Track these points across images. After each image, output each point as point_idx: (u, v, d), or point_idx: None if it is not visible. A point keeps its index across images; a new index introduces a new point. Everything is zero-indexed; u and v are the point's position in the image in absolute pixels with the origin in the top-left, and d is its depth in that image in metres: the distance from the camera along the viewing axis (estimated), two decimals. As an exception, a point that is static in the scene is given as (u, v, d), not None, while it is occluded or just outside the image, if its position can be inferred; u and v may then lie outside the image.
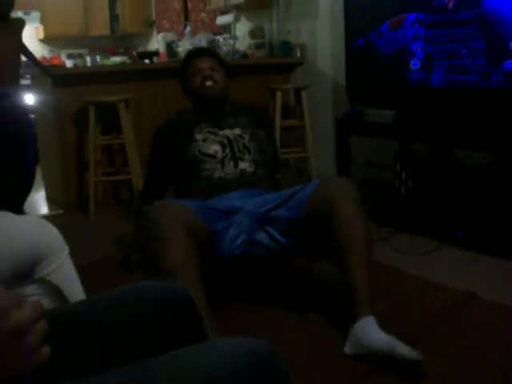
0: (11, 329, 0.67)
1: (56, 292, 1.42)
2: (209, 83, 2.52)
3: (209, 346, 0.83)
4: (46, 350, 0.71)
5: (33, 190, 4.21)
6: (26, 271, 1.56)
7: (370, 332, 1.86)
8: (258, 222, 2.22)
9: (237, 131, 2.49)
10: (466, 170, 3.19)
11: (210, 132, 2.47)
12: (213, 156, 2.38)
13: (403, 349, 1.75)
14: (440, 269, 2.74)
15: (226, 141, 2.44)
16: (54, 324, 0.75)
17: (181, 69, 2.66)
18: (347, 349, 1.91)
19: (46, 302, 1.34)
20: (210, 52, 2.74)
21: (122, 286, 0.97)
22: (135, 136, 4.12)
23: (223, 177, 2.34)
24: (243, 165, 2.39)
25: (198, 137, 2.45)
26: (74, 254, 1.70)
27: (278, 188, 2.61)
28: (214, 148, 2.40)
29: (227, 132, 2.47)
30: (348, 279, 2.00)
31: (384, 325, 1.90)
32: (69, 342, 0.89)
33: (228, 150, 2.41)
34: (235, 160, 2.39)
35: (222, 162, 2.37)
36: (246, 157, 2.42)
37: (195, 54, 2.68)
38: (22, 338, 0.68)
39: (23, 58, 3.96)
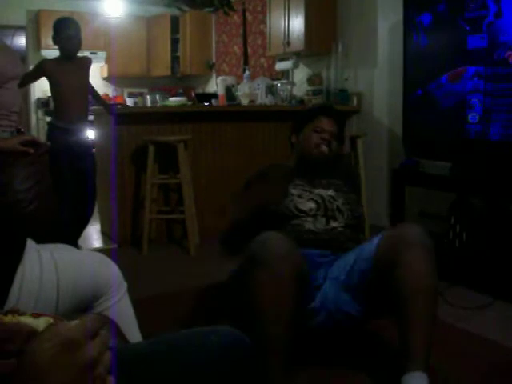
0: (85, 362, 0.67)
1: (114, 328, 1.45)
2: (324, 148, 2.41)
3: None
4: (110, 380, 0.71)
5: (91, 224, 4.33)
6: (85, 305, 1.60)
7: None
8: (341, 289, 2.11)
9: (330, 192, 2.39)
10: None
11: (304, 190, 2.37)
12: (307, 213, 2.29)
13: None
14: (494, 324, 2.68)
15: (320, 199, 2.34)
16: (118, 362, 0.77)
17: (303, 115, 2.54)
18: None
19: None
20: (340, 117, 2.54)
21: (183, 331, 0.99)
22: (191, 176, 4.20)
23: (313, 230, 2.26)
24: (335, 224, 2.31)
25: (294, 192, 2.34)
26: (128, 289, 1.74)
27: None
28: (309, 205, 2.31)
29: (321, 192, 2.38)
30: (405, 332, 1.82)
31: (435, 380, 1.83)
32: (133, 380, 0.90)
33: (322, 208, 2.32)
34: (327, 218, 2.31)
35: (315, 216, 2.29)
36: (339, 218, 2.33)
37: (328, 111, 2.52)
38: (94, 370, 0.67)
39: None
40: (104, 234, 4.68)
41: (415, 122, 3.70)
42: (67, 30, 3.61)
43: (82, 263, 1.59)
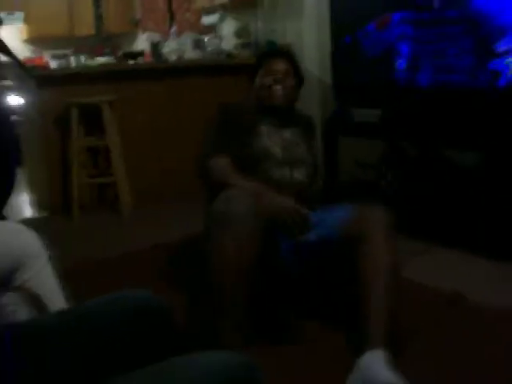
0: None
1: (34, 300, 1.38)
2: (278, 87, 2.36)
3: (187, 361, 0.80)
4: None
5: (17, 192, 4.17)
6: (2, 280, 1.51)
7: (375, 368, 1.70)
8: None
9: (295, 137, 2.39)
10: (453, 169, 3.17)
11: (273, 128, 2.35)
12: (274, 158, 2.27)
13: None
14: (429, 270, 2.73)
15: (286, 144, 2.33)
16: (22, 339, 0.72)
17: (254, 66, 2.49)
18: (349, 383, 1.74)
19: (24, 312, 1.30)
20: (288, 55, 2.52)
21: (95, 298, 0.94)
22: (120, 138, 4.08)
23: (279, 179, 2.24)
24: (298, 175, 2.30)
25: (264, 129, 2.32)
26: (58, 258, 1.67)
27: None
28: (276, 150, 2.29)
29: (288, 135, 2.37)
30: (364, 309, 1.89)
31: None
32: (38, 356, 0.85)
33: (287, 155, 2.30)
34: (291, 167, 2.29)
35: (280, 164, 2.27)
36: (302, 169, 2.32)
37: (273, 53, 2.53)
38: None
39: (4, 58, 3.90)
40: (34, 202, 4.53)
41: (344, 70, 3.67)
42: None
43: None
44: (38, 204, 4.43)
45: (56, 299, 1.61)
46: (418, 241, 3.03)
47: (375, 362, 1.72)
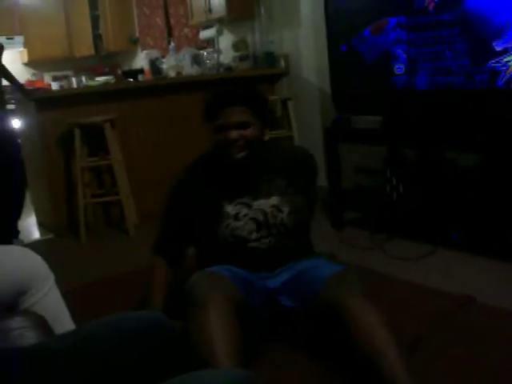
0: None
1: (41, 324, 1.38)
2: (237, 151, 1.98)
3: (191, 378, 0.79)
4: None
5: (24, 214, 4.18)
6: (10, 303, 1.52)
7: None
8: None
9: (273, 201, 2.05)
10: (456, 171, 3.17)
11: (242, 204, 2.04)
12: (247, 238, 2.01)
13: None
14: (436, 273, 2.72)
15: (261, 216, 2.02)
16: (29, 363, 0.72)
17: (204, 115, 2.08)
18: None
19: (31, 335, 1.30)
20: (245, 96, 2.04)
21: (100, 319, 0.94)
22: (123, 156, 4.09)
23: (256, 252, 2.02)
24: (280, 239, 2.04)
25: (230, 210, 2.03)
26: (65, 279, 1.67)
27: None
28: (249, 228, 2.01)
29: (262, 204, 2.04)
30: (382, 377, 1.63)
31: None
32: (45, 380, 0.86)
33: (264, 228, 2.02)
34: (271, 237, 2.03)
35: (258, 240, 2.02)
36: (284, 234, 2.04)
37: (225, 100, 2.02)
38: None
39: (6, 83, 3.94)
40: (40, 224, 4.54)
41: (342, 78, 3.67)
42: None
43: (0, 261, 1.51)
44: (44, 225, 4.44)
45: (63, 321, 1.62)
46: (425, 244, 3.03)
47: None
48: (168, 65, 5.00)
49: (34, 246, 3.77)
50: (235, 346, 1.57)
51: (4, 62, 3.98)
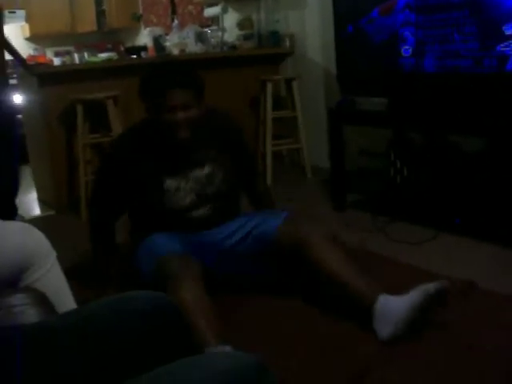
0: None
1: (42, 301, 1.37)
2: (185, 132, 2.14)
3: (196, 362, 0.78)
4: None
5: (25, 191, 4.16)
6: (11, 280, 1.51)
7: (392, 300, 1.93)
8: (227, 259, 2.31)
9: (207, 170, 2.28)
10: (461, 155, 3.15)
11: (181, 176, 2.26)
12: (189, 208, 2.28)
13: (429, 287, 1.88)
14: (437, 257, 2.71)
15: (198, 186, 2.27)
16: (31, 340, 0.71)
17: (147, 97, 2.22)
18: (384, 330, 1.92)
19: (33, 313, 1.29)
20: (183, 77, 2.17)
21: (103, 298, 0.93)
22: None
23: (196, 218, 2.31)
24: (217, 204, 2.33)
25: (170, 184, 2.24)
26: (66, 256, 1.66)
27: (270, 199, 2.62)
28: (189, 199, 2.27)
29: (198, 174, 2.27)
30: (342, 283, 2.05)
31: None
32: (46, 358, 0.84)
33: (203, 197, 2.29)
34: (210, 203, 2.32)
35: (197, 207, 2.30)
36: (220, 199, 2.34)
37: (169, 82, 2.13)
38: None
39: (9, 57, 3.89)
40: (41, 200, 4.52)
41: (348, 59, 3.63)
42: None
43: (1, 237, 1.49)
44: (44, 202, 4.42)
45: (65, 299, 1.61)
46: (427, 228, 3.02)
47: (388, 298, 1.94)
48: (172, 42, 4.96)
49: (34, 222, 3.72)
50: (212, 316, 1.85)
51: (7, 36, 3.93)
